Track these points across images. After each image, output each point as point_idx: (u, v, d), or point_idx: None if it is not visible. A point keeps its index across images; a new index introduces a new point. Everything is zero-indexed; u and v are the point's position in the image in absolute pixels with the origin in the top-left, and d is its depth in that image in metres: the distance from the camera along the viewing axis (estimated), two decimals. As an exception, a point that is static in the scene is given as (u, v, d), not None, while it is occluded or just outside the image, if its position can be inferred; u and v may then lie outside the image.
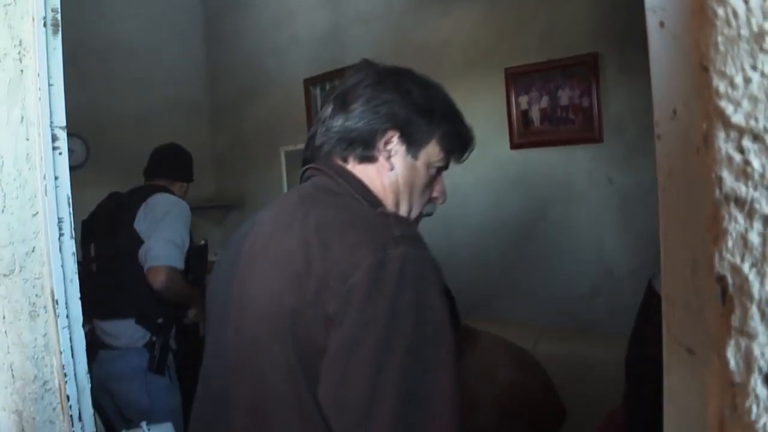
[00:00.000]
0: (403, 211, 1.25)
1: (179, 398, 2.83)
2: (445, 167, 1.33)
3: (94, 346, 2.73)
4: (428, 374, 0.95)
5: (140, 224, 2.75)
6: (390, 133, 1.21)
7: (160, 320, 2.77)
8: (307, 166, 1.28)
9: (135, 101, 4.93)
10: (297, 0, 4.70)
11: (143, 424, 1.43)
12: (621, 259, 3.12)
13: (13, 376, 0.99)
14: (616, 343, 2.98)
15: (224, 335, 1.16)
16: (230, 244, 1.27)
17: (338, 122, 1.22)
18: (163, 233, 2.70)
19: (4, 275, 0.97)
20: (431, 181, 1.30)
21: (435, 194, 1.33)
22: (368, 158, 1.22)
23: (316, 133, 1.26)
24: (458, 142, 1.31)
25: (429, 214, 1.35)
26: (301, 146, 5.01)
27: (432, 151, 1.26)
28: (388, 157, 1.22)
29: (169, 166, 3.10)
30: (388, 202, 1.23)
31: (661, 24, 0.51)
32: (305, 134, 4.51)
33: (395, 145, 1.22)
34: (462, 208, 3.55)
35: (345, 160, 1.23)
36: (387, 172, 1.22)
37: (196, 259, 3.01)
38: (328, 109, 1.24)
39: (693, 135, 0.48)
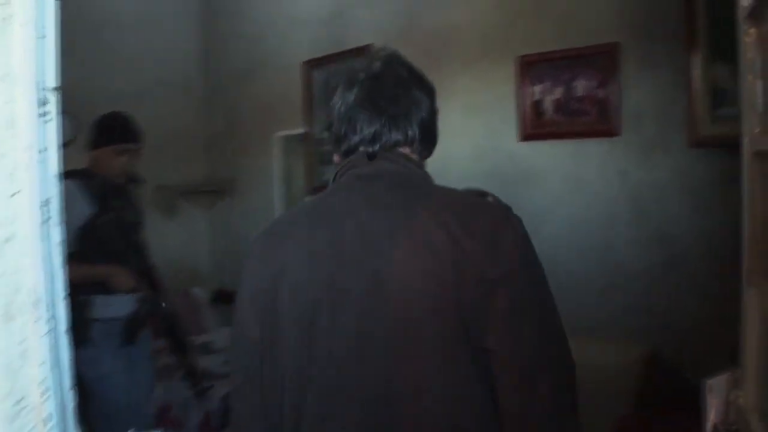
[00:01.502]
0: None
1: (101, 367, 2.89)
2: None
3: None
4: (557, 313, 1.16)
5: None
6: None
7: (80, 298, 2.82)
8: (364, 155, 1.27)
9: (127, 79, 4.70)
10: (299, -22, 4.51)
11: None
12: (632, 258, 3.01)
13: (-17, 388, 0.83)
14: (627, 345, 2.89)
15: (336, 325, 1.16)
16: (292, 237, 1.24)
17: (391, 116, 1.26)
18: None
19: (-25, 267, 0.80)
20: None
21: None
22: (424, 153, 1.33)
23: (378, 128, 1.26)
24: None
25: None
26: (298, 131, 4.84)
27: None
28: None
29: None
30: None
31: None
32: (302, 118, 4.32)
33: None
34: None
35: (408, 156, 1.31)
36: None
37: (105, 230, 2.96)
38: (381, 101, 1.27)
39: None
